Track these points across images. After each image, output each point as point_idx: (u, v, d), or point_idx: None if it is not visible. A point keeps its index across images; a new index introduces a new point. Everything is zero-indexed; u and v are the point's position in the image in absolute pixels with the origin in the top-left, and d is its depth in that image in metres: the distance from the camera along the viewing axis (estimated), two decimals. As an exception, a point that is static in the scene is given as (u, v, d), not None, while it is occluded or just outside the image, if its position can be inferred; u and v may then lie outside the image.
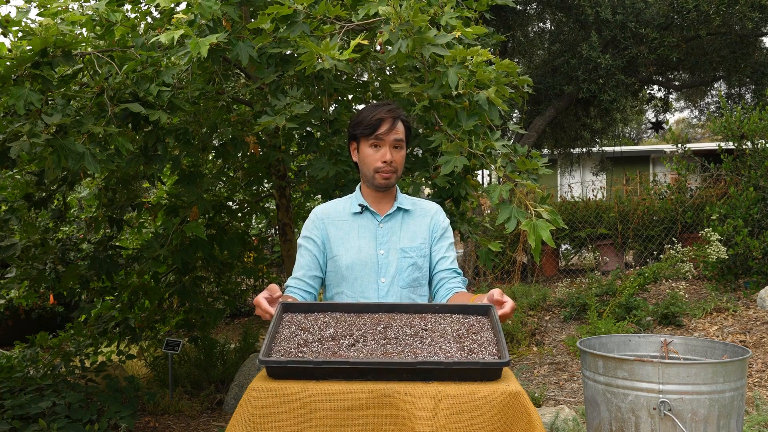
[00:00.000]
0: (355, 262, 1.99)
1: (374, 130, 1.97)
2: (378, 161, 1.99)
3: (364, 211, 2.06)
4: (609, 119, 11.01)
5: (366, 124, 1.98)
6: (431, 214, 2.13)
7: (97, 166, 2.82)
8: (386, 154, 1.98)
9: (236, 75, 4.18)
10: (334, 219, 2.05)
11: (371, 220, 2.06)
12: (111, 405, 4.09)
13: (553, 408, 4.24)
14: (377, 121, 1.97)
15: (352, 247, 2.01)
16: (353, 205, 2.07)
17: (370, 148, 2.00)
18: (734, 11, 8.20)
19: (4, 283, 4.87)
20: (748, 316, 6.17)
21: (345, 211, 2.07)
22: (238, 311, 8.51)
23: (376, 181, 2.01)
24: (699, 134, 24.45)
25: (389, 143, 1.98)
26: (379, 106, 2.02)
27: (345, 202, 2.10)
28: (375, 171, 2.00)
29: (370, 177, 2.02)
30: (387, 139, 1.98)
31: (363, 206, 2.05)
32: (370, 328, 1.71)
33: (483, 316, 1.75)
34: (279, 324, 1.70)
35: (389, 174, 2.00)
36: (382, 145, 1.99)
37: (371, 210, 2.06)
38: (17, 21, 2.83)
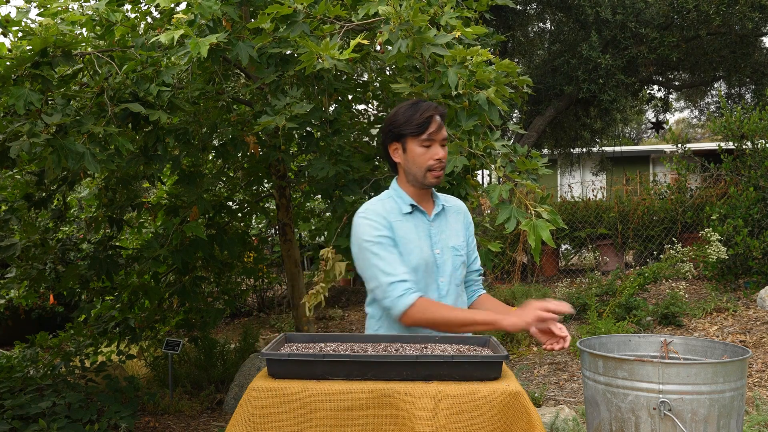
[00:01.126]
0: (420, 263, 1.96)
1: (425, 129, 1.94)
2: (430, 160, 1.96)
3: (414, 210, 2.03)
4: (609, 119, 11.01)
5: (416, 123, 1.95)
6: (463, 211, 2.15)
7: (97, 166, 2.82)
8: (438, 152, 1.96)
9: (236, 75, 4.18)
10: (393, 219, 1.99)
11: (422, 220, 2.03)
12: (111, 405, 4.09)
13: (553, 408, 4.24)
14: (427, 120, 1.94)
15: (415, 248, 1.97)
16: (403, 204, 2.02)
17: (421, 147, 1.96)
18: (734, 11, 8.20)
19: (4, 283, 4.87)
20: (748, 316, 6.17)
21: (396, 211, 2.01)
22: (238, 311, 8.51)
23: (428, 180, 1.99)
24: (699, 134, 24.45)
25: (439, 141, 1.97)
26: (421, 104, 1.98)
27: (390, 201, 2.04)
28: (428, 170, 1.97)
29: (421, 176, 1.98)
30: (437, 137, 1.96)
31: (413, 206, 2.02)
32: (371, 346, 1.75)
33: (482, 346, 1.78)
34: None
35: (440, 171, 1.99)
36: (432, 144, 1.97)
37: (420, 209, 2.04)
38: (17, 21, 2.83)
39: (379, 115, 4.33)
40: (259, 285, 8.36)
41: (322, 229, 5.75)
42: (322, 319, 8.05)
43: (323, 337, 1.82)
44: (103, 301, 5.05)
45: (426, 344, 1.79)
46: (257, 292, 8.67)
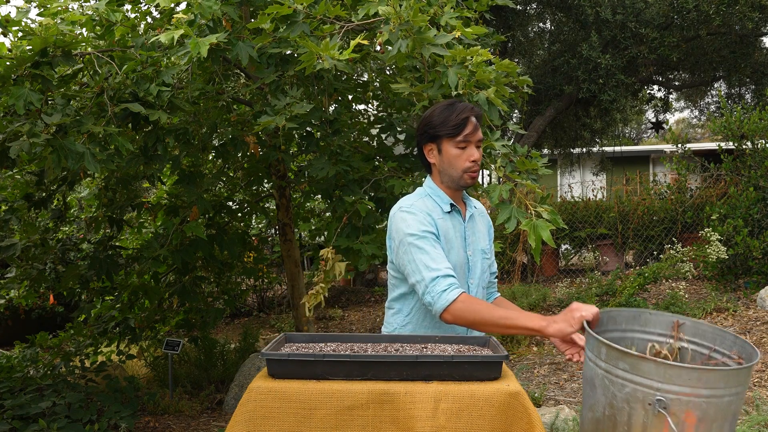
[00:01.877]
0: (456, 263, 1.97)
1: (461, 131, 1.94)
2: (467, 161, 1.96)
3: (453, 210, 2.03)
4: (609, 119, 11.01)
5: (452, 124, 1.94)
6: (485, 215, 2.18)
7: (97, 166, 2.82)
8: (474, 154, 1.96)
9: (236, 75, 4.18)
10: (436, 216, 1.98)
11: (459, 221, 2.03)
12: (111, 405, 4.09)
13: (553, 408, 4.24)
14: (463, 121, 1.93)
15: (453, 247, 1.97)
16: (443, 203, 2.01)
17: (456, 148, 1.95)
18: (734, 11, 8.20)
19: (4, 283, 4.87)
20: (748, 316, 6.17)
21: (437, 209, 2.00)
22: (238, 311, 8.51)
23: (464, 181, 1.98)
24: (699, 134, 24.45)
25: (474, 142, 1.97)
26: (457, 105, 1.97)
27: (428, 200, 2.02)
28: (464, 171, 1.96)
29: (457, 177, 1.98)
30: (473, 138, 1.95)
31: (452, 205, 2.02)
32: (371, 346, 1.75)
33: (482, 346, 1.78)
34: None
35: (476, 173, 1.99)
36: (468, 146, 1.95)
37: (458, 209, 2.04)
38: (17, 21, 2.83)
39: (379, 115, 4.33)
40: (259, 285, 8.37)
41: (322, 229, 5.76)
42: (322, 319, 8.05)
43: (323, 337, 1.82)
44: (103, 301, 5.05)
45: (426, 344, 1.79)
46: (257, 292, 8.68)
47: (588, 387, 1.56)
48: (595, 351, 1.50)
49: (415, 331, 1.97)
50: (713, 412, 1.39)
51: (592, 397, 1.53)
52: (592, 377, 1.52)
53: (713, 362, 1.65)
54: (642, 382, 1.40)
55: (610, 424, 1.49)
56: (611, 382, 1.46)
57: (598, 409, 1.51)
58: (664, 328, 1.73)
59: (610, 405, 1.47)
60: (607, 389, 1.47)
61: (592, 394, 1.53)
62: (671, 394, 1.37)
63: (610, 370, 1.46)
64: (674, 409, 1.37)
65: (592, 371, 1.52)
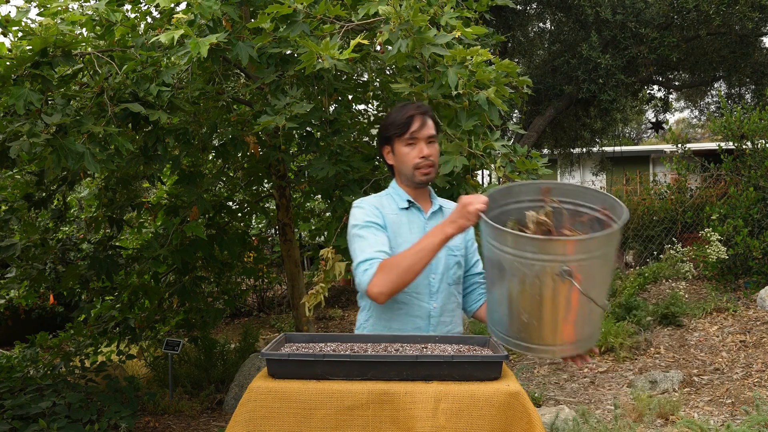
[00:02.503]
0: None
1: (407, 128, 1.99)
2: (416, 158, 2.00)
3: (411, 206, 2.06)
4: (609, 119, 11.01)
5: (399, 123, 2.00)
6: None
7: (97, 166, 2.82)
8: (423, 150, 2.00)
9: (236, 75, 4.18)
10: (387, 212, 2.03)
11: (418, 216, 2.06)
12: (111, 405, 4.09)
13: (553, 408, 4.24)
14: (409, 119, 1.99)
15: (405, 242, 1.99)
16: (398, 200, 2.06)
17: (406, 146, 2.01)
18: (734, 11, 8.20)
19: (4, 283, 4.87)
20: (748, 316, 6.17)
21: (392, 206, 2.05)
22: (238, 311, 8.50)
23: (417, 178, 2.02)
24: (699, 134, 24.45)
25: (423, 139, 2.00)
26: (407, 106, 2.04)
27: (386, 198, 2.08)
28: (415, 168, 2.01)
29: (410, 175, 2.03)
30: (420, 135, 1.99)
31: (410, 202, 2.06)
32: (371, 346, 1.75)
33: (482, 346, 1.79)
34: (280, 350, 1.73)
35: (429, 169, 2.02)
36: (417, 143, 2.00)
37: (417, 206, 2.07)
38: (17, 21, 2.83)
39: (379, 115, 4.33)
40: (259, 285, 8.37)
41: (322, 229, 5.76)
42: (322, 319, 8.05)
43: (323, 337, 1.82)
44: (103, 301, 5.05)
45: (426, 344, 1.79)
46: (257, 292, 8.67)
47: (495, 270, 1.74)
48: (500, 239, 1.67)
49: (376, 325, 2.00)
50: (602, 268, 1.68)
51: (502, 277, 1.71)
52: (499, 261, 1.70)
53: (584, 217, 1.88)
54: (549, 259, 1.62)
55: (522, 297, 1.70)
56: (521, 264, 1.65)
57: (511, 287, 1.70)
58: (534, 194, 1.91)
59: (521, 282, 1.67)
60: (518, 270, 1.66)
61: (501, 275, 1.71)
62: (574, 262, 1.61)
63: (519, 255, 1.64)
64: (576, 274, 1.62)
65: (498, 256, 1.69)
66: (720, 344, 5.68)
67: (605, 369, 5.44)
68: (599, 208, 1.87)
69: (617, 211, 1.80)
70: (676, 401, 4.34)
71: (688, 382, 5.00)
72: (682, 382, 4.97)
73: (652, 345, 5.80)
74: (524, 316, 1.71)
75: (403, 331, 1.96)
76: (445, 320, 2.02)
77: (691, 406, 4.55)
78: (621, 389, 4.99)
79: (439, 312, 2.01)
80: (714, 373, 5.15)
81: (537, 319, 1.70)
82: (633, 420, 4.13)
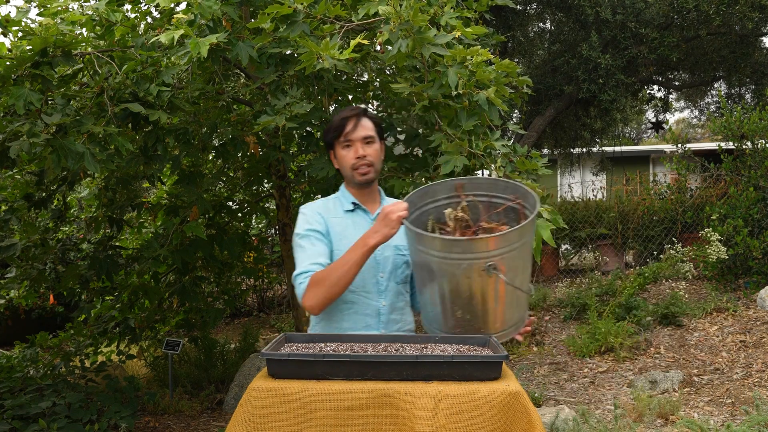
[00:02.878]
0: None
1: (341, 131, 2.05)
2: (352, 159, 2.06)
3: (356, 208, 2.11)
4: (609, 119, 11.00)
5: (334, 127, 2.07)
6: None
7: (97, 166, 2.82)
8: (358, 150, 2.05)
9: (236, 75, 4.18)
10: (331, 216, 2.09)
11: (364, 218, 2.11)
12: (111, 405, 4.09)
13: (553, 408, 4.24)
14: (342, 122, 2.06)
15: (350, 243, 2.01)
16: (344, 203, 2.12)
17: (343, 149, 2.07)
18: (734, 11, 8.20)
19: (4, 283, 4.87)
20: (748, 316, 6.17)
21: (337, 209, 2.11)
22: (238, 311, 8.50)
23: (356, 179, 2.08)
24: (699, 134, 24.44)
25: (359, 140, 2.05)
26: (344, 110, 2.11)
27: (333, 201, 2.14)
28: (352, 169, 2.07)
29: (350, 176, 2.09)
30: (355, 137, 2.05)
31: (355, 204, 2.11)
32: (371, 346, 1.76)
33: (482, 346, 1.79)
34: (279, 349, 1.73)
35: (366, 168, 2.07)
36: (352, 144, 2.06)
37: (363, 208, 2.12)
38: (17, 21, 2.83)
39: (379, 115, 4.32)
40: (259, 285, 8.36)
41: (322, 229, 5.74)
42: (322, 319, 8.03)
43: (323, 337, 1.82)
44: (103, 301, 5.05)
45: (426, 344, 1.79)
46: (257, 292, 8.67)
47: (425, 272, 1.83)
48: (427, 244, 1.77)
49: (328, 326, 2.04)
50: (522, 257, 1.81)
51: (432, 278, 1.81)
52: (427, 263, 1.80)
53: (499, 208, 1.99)
54: (474, 257, 1.73)
55: (454, 295, 1.80)
56: (449, 264, 1.75)
57: (442, 286, 1.80)
58: (449, 191, 2.00)
59: (450, 281, 1.78)
60: (446, 270, 1.76)
61: (430, 276, 1.82)
62: (497, 256, 1.73)
63: (446, 256, 1.75)
64: (500, 266, 1.74)
65: (426, 259, 1.79)
66: (720, 344, 5.68)
67: (605, 369, 5.44)
68: (512, 198, 1.98)
69: (529, 199, 1.92)
70: (676, 401, 4.34)
71: (688, 382, 5.00)
72: (682, 382, 4.97)
73: (652, 345, 5.80)
74: (458, 312, 1.81)
75: (354, 330, 2.00)
76: (394, 318, 2.07)
77: (691, 406, 4.56)
78: (621, 389, 4.99)
79: (389, 310, 2.05)
80: (714, 373, 5.15)
81: (470, 313, 1.81)
82: (633, 420, 4.13)
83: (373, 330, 2.02)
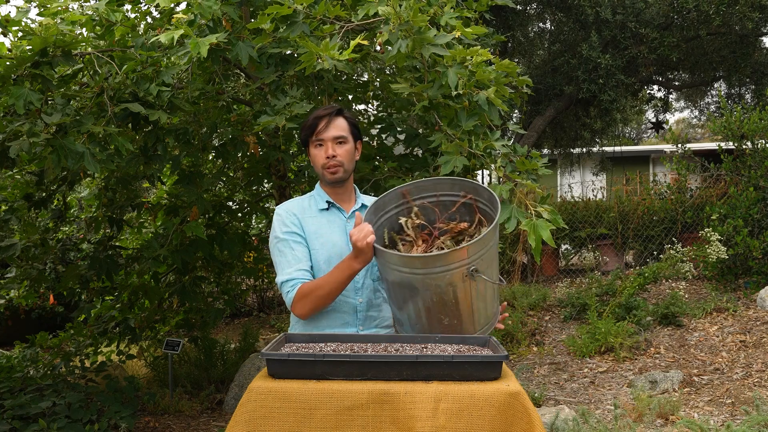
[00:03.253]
0: (332, 256, 2.05)
1: (313, 131, 2.07)
2: (323, 158, 2.08)
3: (331, 207, 2.14)
4: (609, 119, 11.00)
5: (306, 127, 2.09)
6: None
7: (96, 166, 2.82)
8: (328, 150, 2.07)
9: (236, 75, 4.18)
10: (305, 215, 2.11)
11: (338, 216, 2.13)
12: (111, 405, 4.09)
13: (553, 408, 4.24)
14: (315, 121, 2.08)
15: (327, 242, 2.07)
16: (319, 201, 2.14)
17: (315, 148, 2.09)
18: (734, 11, 8.20)
19: (4, 283, 4.87)
20: (748, 316, 6.17)
21: (312, 208, 2.13)
22: (238, 311, 8.50)
23: (326, 177, 2.10)
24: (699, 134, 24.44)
25: (330, 140, 2.07)
26: (318, 109, 2.13)
27: (307, 200, 2.16)
28: (322, 168, 2.09)
29: (321, 175, 2.12)
30: (326, 136, 2.07)
31: (329, 202, 2.13)
32: (371, 346, 1.76)
33: (482, 346, 1.79)
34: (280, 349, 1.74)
35: (335, 168, 2.08)
36: (324, 143, 2.08)
37: (337, 206, 2.14)
38: (17, 21, 2.83)
39: (379, 115, 4.32)
40: (259, 285, 8.36)
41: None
42: (322, 319, 8.03)
43: (323, 337, 1.82)
44: (103, 301, 5.05)
45: (426, 344, 1.79)
46: (257, 292, 8.67)
47: (405, 290, 1.86)
48: (409, 265, 1.81)
49: (307, 324, 2.06)
50: (493, 253, 1.89)
51: (415, 295, 1.85)
52: (409, 282, 1.83)
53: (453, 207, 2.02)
54: (456, 266, 1.78)
55: (439, 305, 1.84)
56: (432, 279, 1.80)
57: (426, 300, 1.84)
58: (398, 200, 2.04)
59: (435, 293, 1.82)
60: (429, 285, 1.81)
61: (412, 293, 1.85)
62: (476, 260, 1.79)
63: (429, 272, 1.79)
64: (479, 267, 1.80)
65: (407, 278, 1.83)
66: (720, 344, 5.68)
67: (605, 369, 5.44)
68: (461, 194, 2.02)
69: (481, 193, 1.97)
70: (676, 401, 4.34)
71: (688, 382, 5.00)
72: (682, 382, 4.97)
73: (652, 345, 5.80)
74: (445, 320, 1.87)
75: (332, 327, 2.03)
76: (372, 315, 2.09)
77: (691, 406, 4.56)
78: (621, 389, 4.99)
79: (365, 307, 2.08)
80: (714, 373, 5.15)
81: (456, 318, 1.87)
82: (633, 420, 4.14)
83: (350, 327, 2.05)
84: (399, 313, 1.97)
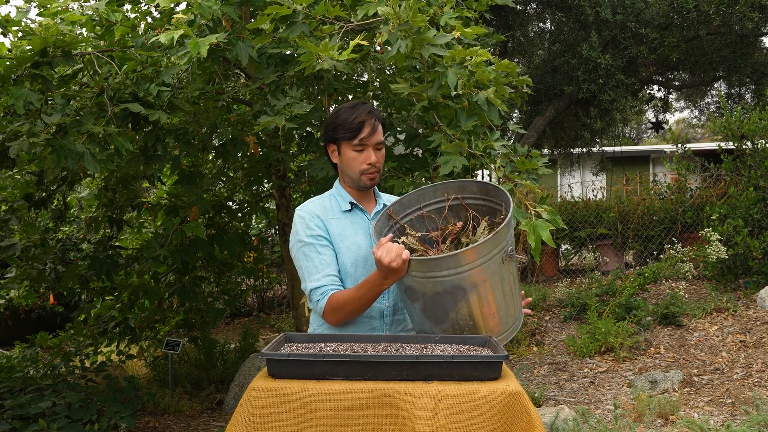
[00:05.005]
0: (358, 259, 2.00)
1: (357, 134, 1.98)
2: (363, 164, 2.01)
3: (354, 208, 2.07)
4: (609, 119, 11.00)
5: (347, 127, 1.99)
6: None
7: (96, 166, 2.82)
8: (371, 156, 2.00)
9: (236, 75, 4.18)
10: (329, 217, 2.04)
11: (362, 218, 2.07)
12: (111, 405, 4.09)
13: (553, 408, 4.24)
14: (359, 125, 1.98)
15: (352, 244, 2.01)
16: (341, 202, 2.07)
17: (353, 151, 2.01)
18: (734, 11, 8.20)
19: (4, 283, 4.87)
20: (748, 316, 6.17)
21: (335, 209, 2.06)
22: (238, 311, 8.51)
23: (363, 182, 2.03)
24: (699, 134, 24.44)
25: (372, 146, 2.00)
26: (357, 108, 2.02)
27: (329, 200, 2.09)
28: (361, 173, 2.02)
29: (356, 179, 2.03)
30: (370, 142, 1.99)
31: (353, 204, 2.07)
32: (371, 346, 1.76)
33: (482, 346, 1.79)
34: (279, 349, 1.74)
35: (375, 174, 2.03)
36: (365, 149, 2.00)
37: (360, 207, 2.08)
38: (17, 21, 2.83)
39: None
40: (259, 285, 8.36)
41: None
42: (322, 319, 8.03)
43: (323, 337, 1.82)
44: (103, 301, 5.05)
45: (426, 344, 1.79)
46: (257, 292, 8.67)
47: (448, 297, 1.82)
48: (435, 269, 1.77)
49: (332, 328, 2.01)
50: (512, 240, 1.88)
51: (462, 297, 1.81)
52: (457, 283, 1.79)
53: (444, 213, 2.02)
54: (498, 251, 1.80)
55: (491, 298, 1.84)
56: (462, 279, 1.78)
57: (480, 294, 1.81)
58: (386, 221, 2.01)
59: (473, 290, 1.80)
60: (465, 280, 1.78)
61: (458, 297, 1.81)
62: (510, 242, 1.83)
63: (474, 265, 1.77)
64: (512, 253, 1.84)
65: (450, 281, 1.79)
66: (720, 344, 5.68)
67: (605, 369, 5.44)
68: (448, 197, 2.01)
69: (467, 187, 1.97)
70: (676, 401, 4.34)
71: (688, 382, 5.00)
72: (682, 382, 4.97)
73: (652, 345, 5.81)
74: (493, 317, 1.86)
75: (359, 332, 1.98)
76: (398, 318, 2.05)
77: (691, 406, 4.56)
78: (621, 389, 4.99)
79: (392, 310, 2.04)
80: (714, 373, 5.15)
81: (501, 306, 1.87)
82: (633, 420, 4.14)
83: (378, 332, 2.00)
84: (437, 327, 1.89)
